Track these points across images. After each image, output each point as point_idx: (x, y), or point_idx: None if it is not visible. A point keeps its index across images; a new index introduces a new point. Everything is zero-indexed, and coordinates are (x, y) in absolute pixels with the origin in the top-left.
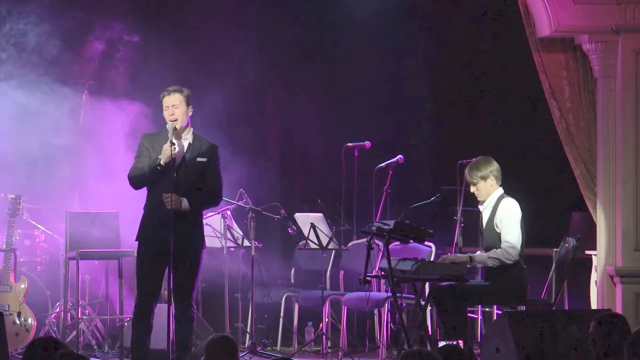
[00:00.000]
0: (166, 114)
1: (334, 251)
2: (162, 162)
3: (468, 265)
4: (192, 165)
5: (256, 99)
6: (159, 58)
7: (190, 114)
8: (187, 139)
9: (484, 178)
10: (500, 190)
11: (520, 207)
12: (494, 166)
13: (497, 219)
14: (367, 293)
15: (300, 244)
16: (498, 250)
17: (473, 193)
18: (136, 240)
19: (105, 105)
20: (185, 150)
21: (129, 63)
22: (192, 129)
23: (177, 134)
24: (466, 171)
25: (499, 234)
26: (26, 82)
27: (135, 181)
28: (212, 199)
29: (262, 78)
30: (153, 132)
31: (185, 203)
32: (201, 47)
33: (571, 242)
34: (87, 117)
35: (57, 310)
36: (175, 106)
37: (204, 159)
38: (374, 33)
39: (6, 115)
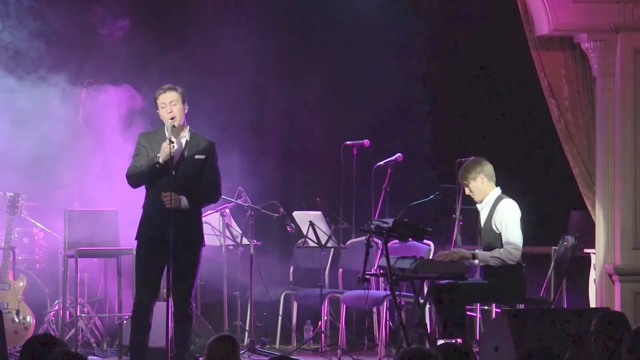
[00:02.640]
0: (163, 112)
1: (332, 249)
2: (160, 160)
3: (471, 262)
4: (190, 163)
5: (256, 96)
6: (157, 49)
7: (185, 111)
8: (185, 136)
9: (474, 178)
10: (498, 191)
11: (520, 205)
12: (484, 166)
13: (495, 220)
14: (366, 291)
15: (299, 242)
16: (501, 250)
17: (469, 195)
18: (136, 239)
19: (103, 98)
20: (183, 148)
21: (126, 51)
22: (188, 126)
23: (175, 131)
24: (458, 174)
25: (498, 234)
26: (24, 79)
27: (134, 179)
28: (211, 196)
29: (262, 76)
30: (149, 130)
31: (184, 201)
32: (200, 47)
33: (570, 240)
34: (85, 115)
35: (56, 308)
36: (172, 103)
37: (202, 157)
38: (375, 31)
39: (4, 113)
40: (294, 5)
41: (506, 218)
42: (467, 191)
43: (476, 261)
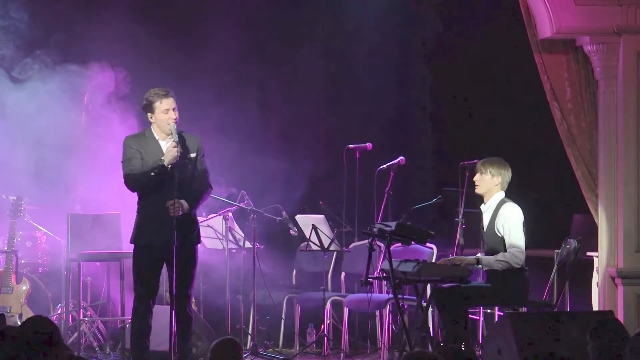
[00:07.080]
0: (165, 117)
1: (335, 253)
2: (166, 164)
3: (475, 267)
4: (184, 163)
5: (258, 100)
6: (157, 46)
7: None
8: (174, 137)
9: (492, 174)
10: (502, 195)
11: (522, 208)
12: (507, 171)
13: (498, 224)
14: (369, 295)
15: (301, 245)
16: (507, 254)
17: (474, 181)
18: (131, 242)
19: (106, 104)
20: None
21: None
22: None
23: (166, 133)
24: (481, 160)
25: (500, 237)
26: (27, 82)
27: (137, 184)
28: (203, 189)
29: (264, 79)
30: (136, 133)
31: (185, 205)
32: (201, 49)
33: (573, 243)
34: (88, 118)
35: (59, 311)
36: (175, 109)
37: (193, 155)
38: (378, 35)
39: (7, 116)
40: (297, 9)
41: (509, 222)
42: (476, 177)
43: (480, 266)
